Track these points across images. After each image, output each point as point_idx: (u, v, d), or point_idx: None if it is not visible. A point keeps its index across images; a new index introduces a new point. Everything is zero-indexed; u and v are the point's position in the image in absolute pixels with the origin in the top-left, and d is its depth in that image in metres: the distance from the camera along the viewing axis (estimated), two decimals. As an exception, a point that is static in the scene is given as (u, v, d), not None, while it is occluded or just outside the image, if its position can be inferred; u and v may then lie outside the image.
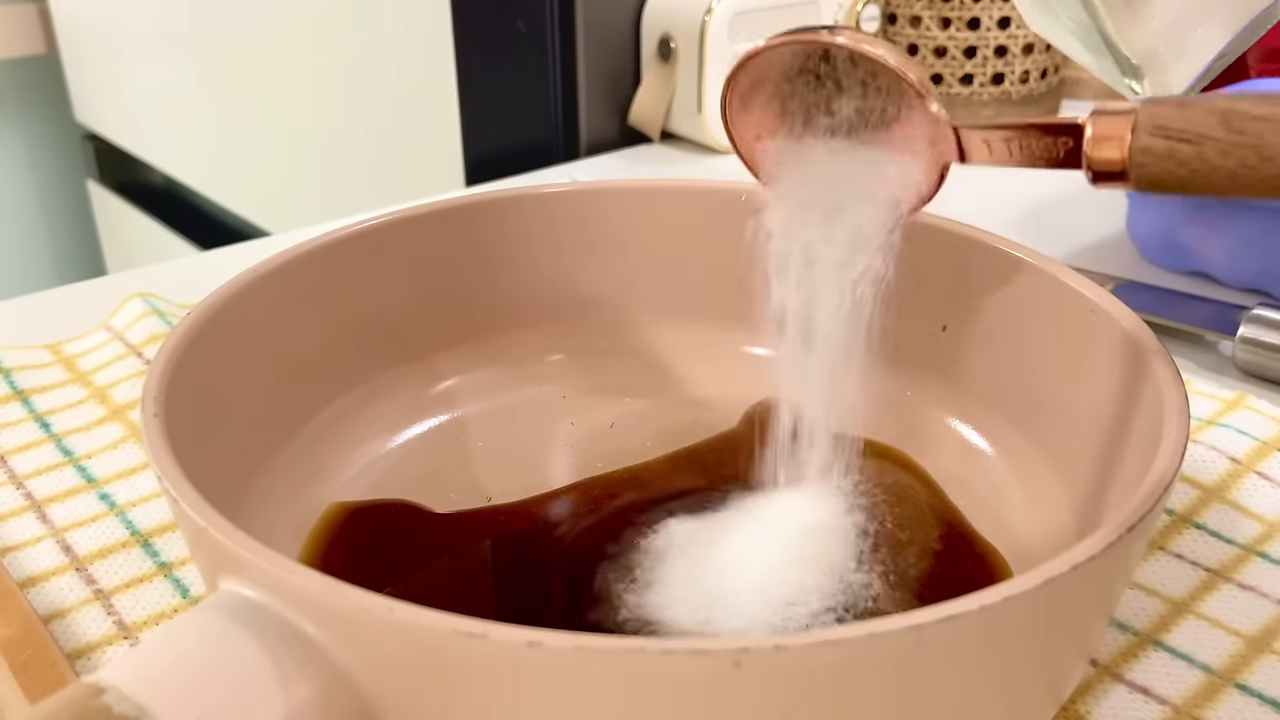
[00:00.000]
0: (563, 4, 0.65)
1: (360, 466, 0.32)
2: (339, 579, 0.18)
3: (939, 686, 0.19)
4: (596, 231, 0.36)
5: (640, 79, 0.69)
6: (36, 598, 0.29)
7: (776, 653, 0.17)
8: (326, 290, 0.32)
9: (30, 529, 0.32)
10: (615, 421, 0.35)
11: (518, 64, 0.68)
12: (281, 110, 0.92)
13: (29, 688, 0.25)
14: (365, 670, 0.19)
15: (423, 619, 0.18)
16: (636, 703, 0.18)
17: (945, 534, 0.29)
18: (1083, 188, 0.62)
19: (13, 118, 1.39)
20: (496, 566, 0.29)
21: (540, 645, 0.17)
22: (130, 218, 1.25)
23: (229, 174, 1.04)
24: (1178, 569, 0.30)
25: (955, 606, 0.18)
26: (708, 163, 0.66)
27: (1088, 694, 0.26)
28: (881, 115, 0.27)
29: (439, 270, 0.35)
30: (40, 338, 0.43)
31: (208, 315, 0.28)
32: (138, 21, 1.07)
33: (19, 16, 1.31)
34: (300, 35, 0.86)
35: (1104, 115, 0.23)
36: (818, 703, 0.18)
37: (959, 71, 0.71)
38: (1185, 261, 0.49)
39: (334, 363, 0.33)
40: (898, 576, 0.28)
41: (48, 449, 0.36)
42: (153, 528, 0.32)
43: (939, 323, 0.34)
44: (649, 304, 0.37)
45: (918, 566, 0.28)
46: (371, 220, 0.33)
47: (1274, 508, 0.33)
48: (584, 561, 0.28)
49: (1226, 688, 0.27)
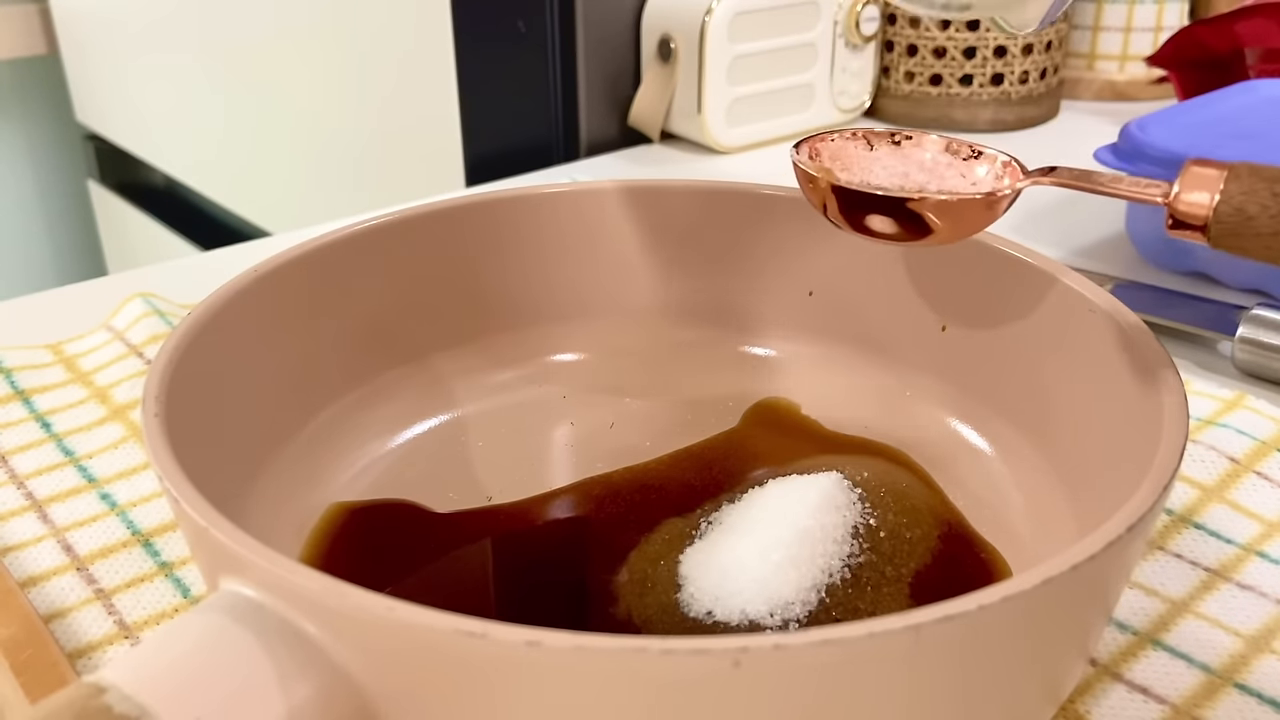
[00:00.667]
0: (563, 4, 0.65)
1: (360, 466, 0.32)
2: (339, 579, 0.18)
3: (938, 686, 0.19)
4: (596, 232, 0.37)
5: (640, 79, 0.69)
6: (37, 597, 0.29)
7: (776, 652, 0.17)
8: (326, 290, 0.32)
9: (31, 529, 0.32)
10: (615, 421, 0.35)
11: (518, 64, 0.68)
12: (282, 110, 0.92)
13: (29, 688, 0.25)
14: (365, 670, 0.19)
15: (423, 619, 0.18)
16: (636, 703, 0.18)
17: (945, 534, 0.29)
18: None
19: (13, 118, 1.39)
20: (497, 565, 0.29)
21: (540, 645, 0.17)
22: (130, 218, 1.25)
23: (229, 174, 1.04)
24: (1177, 569, 0.30)
25: (954, 606, 0.18)
26: (708, 163, 0.66)
27: (1087, 694, 0.26)
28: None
29: (439, 270, 0.35)
30: (41, 338, 0.43)
31: (208, 315, 0.28)
32: (138, 21, 1.07)
33: (19, 16, 1.31)
34: (301, 36, 0.86)
35: (1198, 166, 0.24)
36: (817, 703, 0.18)
37: (959, 72, 0.71)
38: (1185, 261, 0.49)
39: (334, 363, 0.33)
40: (897, 576, 0.28)
41: (48, 449, 0.36)
42: (153, 527, 0.32)
43: (939, 323, 0.34)
44: (649, 303, 0.37)
45: (917, 566, 0.28)
46: (371, 220, 0.33)
47: (1273, 508, 0.33)
48: (585, 560, 0.28)
49: (1226, 687, 0.27)
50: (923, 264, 0.34)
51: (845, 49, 0.70)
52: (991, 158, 0.28)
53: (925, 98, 0.72)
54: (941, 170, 0.29)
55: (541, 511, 0.31)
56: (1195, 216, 0.24)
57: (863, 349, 0.36)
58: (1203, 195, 0.24)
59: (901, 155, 0.29)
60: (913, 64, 0.72)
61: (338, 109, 0.85)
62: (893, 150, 0.29)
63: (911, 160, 0.29)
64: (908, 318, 0.34)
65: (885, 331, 0.35)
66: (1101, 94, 0.79)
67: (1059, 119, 0.75)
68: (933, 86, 0.72)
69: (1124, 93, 0.78)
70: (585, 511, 0.31)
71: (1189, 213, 0.24)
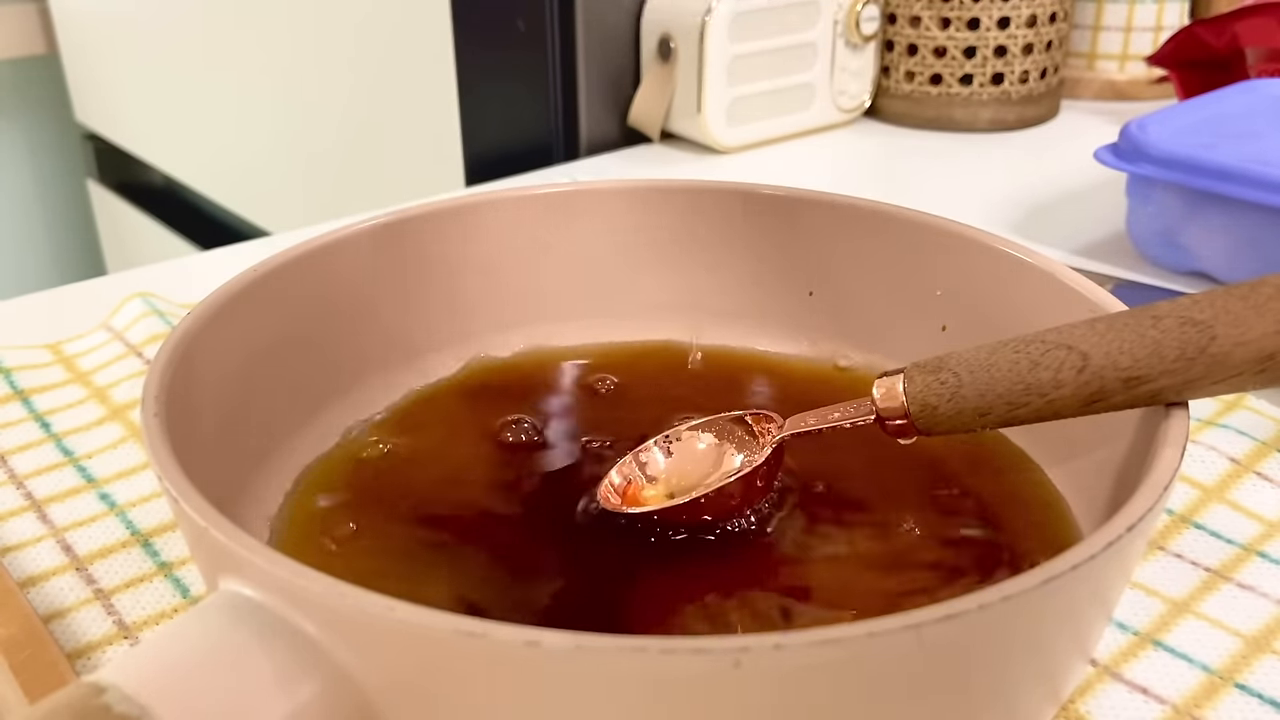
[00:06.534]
0: (563, 4, 0.65)
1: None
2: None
3: (939, 686, 0.19)
4: (595, 232, 0.37)
5: (640, 79, 0.69)
6: (36, 598, 0.29)
7: (776, 652, 0.17)
8: (326, 290, 0.32)
9: (30, 529, 0.32)
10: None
11: (518, 64, 0.68)
12: (281, 110, 0.92)
13: (29, 687, 0.25)
14: (365, 669, 0.19)
15: (423, 619, 0.18)
16: (636, 702, 0.18)
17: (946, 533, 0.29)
18: (1082, 188, 0.62)
19: (13, 118, 1.39)
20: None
21: (540, 645, 0.17)
22: (130, 218, 1.25)
23: (229, 174, 1.04)
24: (1178, 568, 0.30)
25: (955, 606, 0.18)
26: (707, 162, 0.66)
27: (1088, 693, 0.26)
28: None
29: (439, 269, 0.35)
30: (40, 338, 0.43)
31: (208, 315, 0.28)
32: (137, 21, 1.07)
33: (19, 16, 1.31)
34: (300, 35, 0.86)
35: (882, 378, 0.27)
36: (817, 702, 0.18)
37: (959, 71, 0.71)
38: (1185, 261, 0.49)
39: (334, 362, 0.33)
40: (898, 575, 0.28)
41: (48, 449, 0.36)
42: (153, 527, 0.32)
43: (939, 323, 0.34)
44: (649, 303, 0.37)
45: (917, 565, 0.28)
46: (371, 220, 0.33)
47: (1273, 508, 0.33)
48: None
49: (1226, 687, 0.27)
50: (923, 264, 0.34)
51: (845, 48, 0.70)
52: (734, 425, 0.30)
53: (925, 97, 0.72)
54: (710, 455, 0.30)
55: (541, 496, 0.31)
56: (899, 417, 0.27)
57: (863, 349, 0.36)
58: (894, 401, 0.27)
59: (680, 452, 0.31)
60: (913, 63, 0.72)
61: (337, 109, 0.85)
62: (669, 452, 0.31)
63: (686, 456, 0.30)
64: (908, 318, 0.34)
65: (885, 331, 0.35)
66: (1101, 94, 0.79)
67: (1059, 119, 0.75)
68: (933, 86, 0.72)
69: (1124, 92, 0.78)
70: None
71: (893, 418, 0.27)
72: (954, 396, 0.26)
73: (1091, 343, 0.24)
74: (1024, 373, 0.25)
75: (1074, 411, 0.25)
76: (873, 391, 0.27)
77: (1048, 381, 0.24)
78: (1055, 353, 0.24)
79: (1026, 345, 0.25)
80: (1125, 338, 0.24)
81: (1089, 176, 0.63)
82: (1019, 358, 0.25)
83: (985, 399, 0.25)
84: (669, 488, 0.30)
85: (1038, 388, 0.25)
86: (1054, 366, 0.24)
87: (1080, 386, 0.24)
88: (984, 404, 0.25)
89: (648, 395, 0.35)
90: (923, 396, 0.26)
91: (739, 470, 0.29)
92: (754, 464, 0.29)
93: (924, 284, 0.34)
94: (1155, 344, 0.23)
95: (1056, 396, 0.24)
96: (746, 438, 0.30)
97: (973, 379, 0.26)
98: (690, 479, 0.30)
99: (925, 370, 0.26)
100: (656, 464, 0.30)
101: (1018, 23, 0.70)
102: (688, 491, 0.29)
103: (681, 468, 0.30)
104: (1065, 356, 0.24)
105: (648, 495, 0.29)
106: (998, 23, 0.70)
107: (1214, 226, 0.47)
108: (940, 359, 0.26)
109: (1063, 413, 0.25)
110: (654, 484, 0.30)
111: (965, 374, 0.26)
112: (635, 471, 0.30)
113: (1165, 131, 0.48)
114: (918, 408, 0.26)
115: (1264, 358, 0.22)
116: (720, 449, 0.30)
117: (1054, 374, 0.24)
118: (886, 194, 0.39)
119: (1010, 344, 0.25)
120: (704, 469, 0.30)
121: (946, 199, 0.60)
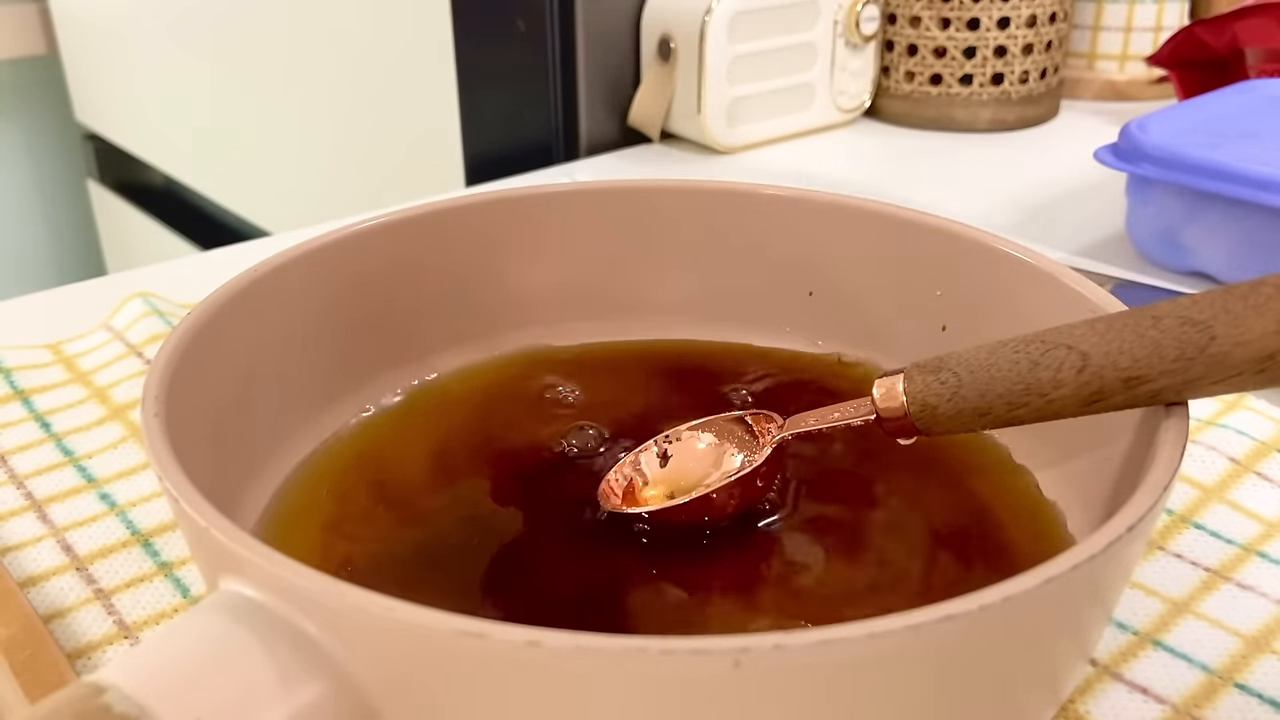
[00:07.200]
0: (563, 4, 0.65)
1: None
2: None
3: (939, 686, 0.19)
4: (594, 232, 0.37)
5: (640, 79, 0.69)
6: (37, 597, 0.29)
7: (776, 652, 0.17)
8: (326, 290, 0.32)
9: (30, 529, 0.32)
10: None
11: (518, 64, 0.68)
12: (282, 110, 0.92)
13: (29, 687, 0.25)
14: (366, 670, 0.19)
15: (423, 619, 0.18)
16: (636, 702, 0.18)
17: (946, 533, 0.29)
18: (1082, 188, 0.62)
19: (13, 118, 1.39)
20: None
21: (540, 645, 0.17)
22: (130, 218, 1.25)
23: (229, 174, 1.04)
24: (1177, 568, 0.30)
25: (954, 606, 0.18)
26: (707, 162, 0.66)
27: (1088, 693, 0.26)
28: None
29: (439, 270, 0.35)
30: (40, 338, 0.43)
31: (208, 315, 0.28)
32: (138, 21, 1.07)
33: (19, 16, 1.31)
34: (300, 35, 0.86)
35: (883, 378, 0.27)
36: (817, 702, 0.18)
37: (959, 71, 0.71)
38: (1185, 261, 0.49)
39: (334, 362, 0.33)
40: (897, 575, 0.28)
41: (48, 449, 0.36)
42: (153, 527, 0.32)
43: (939, 323, 0.34)
44: (649, 303, 0.37)
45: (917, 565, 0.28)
46: (371, 220, 0.33)
47: (1273, 508, 0.33)
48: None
49: (1226, 687, 0.27)
50: (923, 264, 0.34)
51: (845, 49, 0.70)
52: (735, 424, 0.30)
53: (925, 97, 0.72)
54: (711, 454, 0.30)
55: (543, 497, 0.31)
56: (899, 417, 0.27)
57: (863, 349, 0.36)
58: (894, 401, 0.27)
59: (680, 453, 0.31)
60: (913, 64, 0.72)
61: (337, 109, 0.85)
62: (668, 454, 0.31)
63: (687, 456, 0.31)
64: (908, 318, 0.34)
65: (885, 331, 0.35)
66: (1101, 94, 0.79)
67: (1059, 119, 0.75)
68: (933, 86, 0.72)
69: (1124, 92, 0.78)
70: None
71: (893, 418, 0.27)
72: (954, 396, 0.26)
73: (1091, 343, 0.24)
74: (1024, 373, 0.25)
75: (1074, 411, 0.25)
76: (872, 391, 0.27)
77: (1047, 381, 0.24)
78: (1055, 353, 0.24)
79: (1026, 345, 0.25)
80: (1125, 338, 0.24)
81: (1089, 176, 0.63)
82: (1019, 358, 0.25)
83: (985, 399, 0.25)
84: (669, 488, 0.30)
85: (1037, 388, 0.25)
86: (1054, 366, 0.24)
87: (1080, 386, 0.24)
88: (984, 404, 0.25)
89: (647, 395, 0.35)
90: (922, 396, 0.26)
91: (739, 470, 0.29)
92: (754, 464, 0.29)
93: (924, 284, 0.34)
94: (1155, 344, 0.23)
95: (1056, 396, 0.24)
96: (746, 438, 0.30)
97: (972, 379, 0.26)
98: (690, 479, 0.30)
99: (925, 370, 0.27)
100: (656, 464, 0.30)
101: (1018, 23, 0.70)
102: (688, 491, 0.29)
103: (682, 468, 0.30)
104: (1065, 356, 0.24)
105: (648, 495, 0.29)
106: (998, 23, 0.70)
107: (1214, 226, 0.47)
108: (940, 359, 0.27)
109: (1063, 413, 0.25)
110: (654, 484, 0.30)
111: (965, 374, 0.26)
112: (635, 471, 0.30)
113: (1165, 131, 0.48)
114: (917, 408, 0.26)
115: (1264, 358, 0.22)
116: (720, 449, 0.30)
117: (1054, 374, 0.24)
118: (886, 194, 0.39)
119: (1010, 344, 0.25)
120: (704, 469, 0.30)
121: (946, 199, 0.60)
